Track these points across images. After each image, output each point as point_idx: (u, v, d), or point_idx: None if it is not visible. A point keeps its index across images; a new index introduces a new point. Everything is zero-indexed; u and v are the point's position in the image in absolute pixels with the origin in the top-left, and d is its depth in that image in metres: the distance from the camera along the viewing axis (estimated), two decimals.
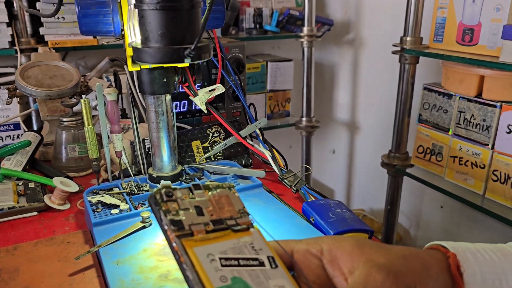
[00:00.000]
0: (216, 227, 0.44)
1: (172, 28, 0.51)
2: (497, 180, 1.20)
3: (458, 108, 1.27)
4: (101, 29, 0.66)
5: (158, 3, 0.49)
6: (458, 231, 1.60)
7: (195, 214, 0.44)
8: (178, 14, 0.50)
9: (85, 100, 0.78)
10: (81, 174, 0.97)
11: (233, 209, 0.47)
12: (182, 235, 0.42)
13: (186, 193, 0.46)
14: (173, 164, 0.81)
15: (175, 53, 0.51)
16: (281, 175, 0.82)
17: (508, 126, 1.15)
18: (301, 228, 0.68)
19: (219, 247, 0.42)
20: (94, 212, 0.72)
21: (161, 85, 0.74)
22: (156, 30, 0.50)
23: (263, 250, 0.43)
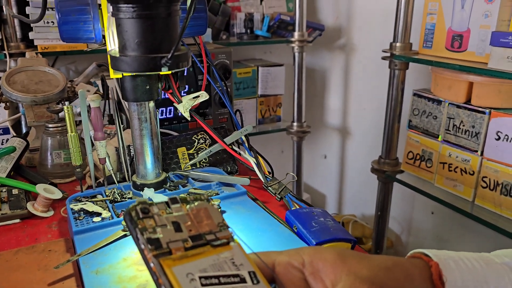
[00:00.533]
0: (195, 243, 0.43)
1: (148, 36, 0.50)
2: (486, 186, 1.20)
3: (447, 114, 1.27)
4: (82, 36, 0.65)
5: (134, 11, 0.49)
6: (449, 237, 1.59)
7: (173, 230, 0.43)
8: (154, 22, 0.50)
9: (68, 107, 0.77)
10: (66, 181, 0.96)
11: (212, 222, 0.46)
12: (160, 254, 0.41)
13: (163, 208, 0.45)
14: (157, 171, 0.80)
15: (151, 61, 0.50)
16: (266, 182, 0.82)
17: (497, 132, 1.16)
18: (283, 237, 0.68)
19: (199, 265, 0.41)
20: (76, 220, 0.72)
21: (144, 92, 0.74)
22: (132, 38, 0.50)
23: (244, 265, 0.42)
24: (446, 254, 0.48)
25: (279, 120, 1.98)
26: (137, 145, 0.78)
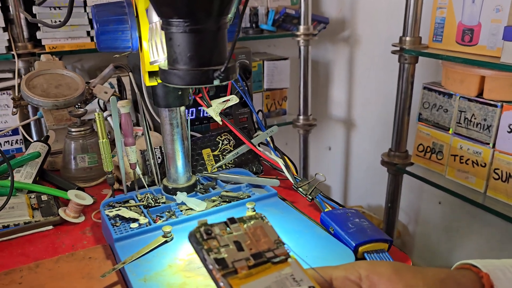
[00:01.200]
0: (256, 261, 0.44)
1: (200, 50, 0.51)
2: (498, 178, 1.22)
3: (458, 107, 1.29)
4: (119, 45, 0.66)
5: (187, 26, 0.49)
6: (457, 226, 1.63)
7: (236, 250, 0.44)
8: (206, 36, 0.50)
9: (99, 114, 0.77)
10: (91, 184, 0.96)
11: (269, 240, 0.47)
12: (227, 273, 0.42)
13: (223, 228, 0.46)
14: (188, 175, 0.81)
15: (204, 75, 0.51)
16: (296, 183, 0.83)
17: (509, 125, 1.18)
18: (321, 239, 0.69)
19: (263, 282, 0.43)
20: (114, 226, 0.72)
21: (176, 98, 0.74)
22: (185, 52, 0.50)
23: (303, 281, 0.44)
24: (492, 263, 0.50)
25: (285, 114, 1.99)
26: (169, 150, 0.79)
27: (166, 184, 0.81)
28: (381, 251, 0.67)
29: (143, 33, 0.65)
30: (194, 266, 0.63)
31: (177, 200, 0.78)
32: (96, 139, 0.98)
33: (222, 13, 0.51)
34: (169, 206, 0.78)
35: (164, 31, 0.52)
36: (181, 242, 0.69)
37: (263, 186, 0.85)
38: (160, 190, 0.83)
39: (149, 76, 0.69)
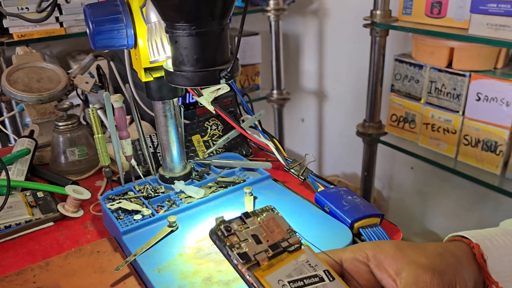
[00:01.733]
0: (274, 252, 0.48)
1: (206, 51, 0.52)
2: (468, 144, 1.30)
3: (429, 78, 1.35)
4: (115, 44, 0.66)
5: (193, 29, 0.51)
6: (429, 190, 1.72)
7: (255, 243, 0.48)
8: (211, 38, 0.52)
9: (93, 109, 0.78)
10: (83, 177, 0.97)
11: (282, 230, 0.51)
12: (251, 266, 0.46)
13: (240, 223, 0.50)
14: (183, 164, 0.84)
15: (211, 75, 0.53)
16: (287, 165, 0.87)
17: (477, 93, 1.25)
18: (318, 218, 0.74)
19: (284, 271, 0.47)
20: (118, 219, 0.75)
21: (169, 90, 0.76)
22: (191, 54, 0.52)
23: (318, 266, 0.48)
24: (480, 234, 0.56)
25: (258, 89, 2.01)
26: (164, 141, 0.81)
27: (163, 174, 0.83)
28: (374, 225, 0.72)
29: (138, 31, 0.66)
30: (203, 253, 0.67)
31: (175, 189, 0.81)
32: (84, 131, 0.98)
33: (225, 15, 0.53)
34: (168, 195, 0.80)
35: (169, 35, 0.53)
36: (186, 230, 0.72)
37: (255, 169, 0.88)
38: (156, 179, 0.85)
39: (144, 72, 0.70)
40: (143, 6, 0.65)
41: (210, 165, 0.89)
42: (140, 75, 0.71)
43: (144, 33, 0.67)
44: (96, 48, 0.66)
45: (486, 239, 0.55)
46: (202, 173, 0.86)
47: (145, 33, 0.67)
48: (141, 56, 0.68)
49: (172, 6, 0.49)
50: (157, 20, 0.60)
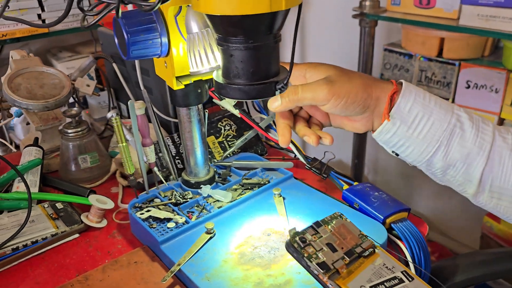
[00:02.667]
0: (351, 258, 0.50)
1: (262, 64, 0.53)
2: None
3: (419, 67, 1.39)
4: (148, 53, 0.65)
5: (251, 43, 0.51)
6: (413, 173, 1.78)
7: (330, 251, 0.50)
8: (266, 51, 0.52)
9: (116, 118, 0.77)
10: (96, 184, 0.95)
11: (354, 235, 0.53)
12: (331, 275, 0.47)
13: (313, 233, 0.51)
14: (207, 168, 0.84)
15: (267, 88, 0.53)
16: (308, 163, 0.88)
17: (467, 81, 1.30)
18: (349, 216, 0.74)
19: (364, 277, 0.49)
20: (151, 228, 0.74)
21: (196, 96, 0.75)
22: (247, 68, 0.52)
23: (395, 267, 0.50)
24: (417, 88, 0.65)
25: None
26: (188, 146, 0.80)
27: (187, 179, 0.83)
28: (403, 219, 0.75)
29: (172, 40, 0.65)
30: (247, 258, 0.68)
31: (203, 193, 0.81)
32: (94, 137, 0.96)
33: (280, 28, 0.53)
34: (196, 201, 0.80)
35: (224, 48, 0.53)
36: (223, 236, 0.73)
37: (276, 169, 0.89)
38: (179, 184, 0.85)
39: (176, 80, 0.69)
40: (177, 14, 0.64)
41: (231, 167, 0.89)
42: (170, 83, 0.71)
43: (178, 41, 0.66)
44: (128, 59, 0.65)
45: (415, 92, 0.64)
46: (225, 175, 0.87)
47: (179, 42, 0.66)
48: (174, 65, 0.67)
49: (232, 22, 0.49)
50: (199, 30, 0.60)
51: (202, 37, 0.59)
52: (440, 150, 0.64)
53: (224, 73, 0.55)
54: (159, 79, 0.94)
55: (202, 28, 0.60)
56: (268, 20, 0.50)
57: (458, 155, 0.64)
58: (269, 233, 0.73)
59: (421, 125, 0.64)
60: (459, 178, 0.66)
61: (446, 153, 0.65)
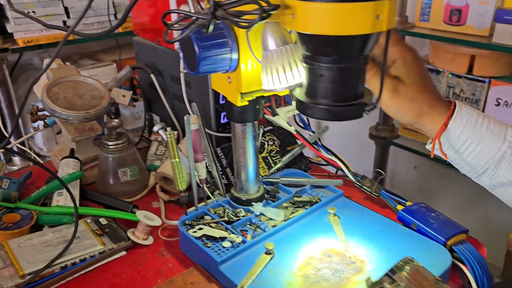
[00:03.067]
0: None
1: (352, 85, 0.51)
2: None
3: (447, 83, 1.39)
4: (217, 69, 0.63)
5: (345, 63, 0.49)
6: (432, 187, 1.78)
7: None
8: (357, 72, 0.51)
9: (170, 133, 0.74)
10: (136, 198, 0.93)
11: (430, 282, 0.51)
12: None
13: (389, 281, 0.49)
14: (258, 185, 0.82)
15: (356, 110, 0.51)
16: (358, 181, 0.87)
17: (497, 99, 1.30)
18: (409, 238, 0.74)
19: None
20: (207, 247, 0.72)
21: (253, 112, 0.74)
22: (337, 88, 0.50)
23: None
24: (469, 111, 0.65)
25: None
26: (241, 162, 0.78)
27: (238, 196, 0.81)
28: (463, 241, 0.74)
29: (241, 56, 0.63)
30: (311, 281, 0.66)
31: (255, 211, 0.79)
32: (134, 150, 0.93)
33: (372, 49, 0.52)
34: (249, 219, 0.78)
35: (313, 67, 0.51)
36: (283, 256, 0.70)
37: (324, 186, 0.87)
38: (227, 201, 0.83)
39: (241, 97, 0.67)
40: (249, 30, 0.62)
41: (278, 183, 0.87)
42: (233, 99, 0.69)
43: (247, 57, 0.64)
44: (197, 74, 0.63)
45: (466, 116, 0.65)
46: (274, 192, 0.85)
47: (248, 58, 0.64)
48: (242, 81, 0.65)
49: (330, 42, 0.47)
50: (276, 47, 0.58)
51: (280, 54, 0.58)
52: (486, 173, 0.67)
53: (310, 92, 0.53)
54: (202, 91, 0.93)
55: (280, 45, 0.58)
56: (367, 40, 0.48)
57: (505, 180, 0.66)
58: (329, 254, 0.71)
59: (469, 150, 0.66)
60: (506, 198, 0.69)
61: (493, 176, 0.67)
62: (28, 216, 0.80)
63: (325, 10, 0.44)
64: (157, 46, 1.02)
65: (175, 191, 0.92)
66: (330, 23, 0.45)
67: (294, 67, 0.58)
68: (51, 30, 1.34)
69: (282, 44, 0.58)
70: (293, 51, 0.58)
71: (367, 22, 0.45)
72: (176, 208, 0.90)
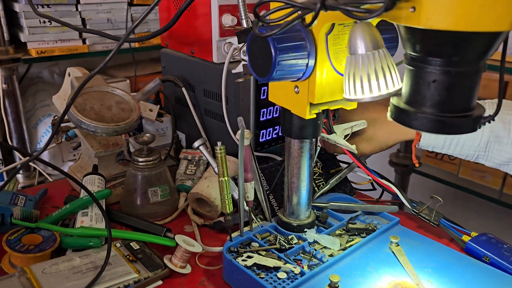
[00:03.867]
0: None
1: (470, 93, 0.45)
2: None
3: None
4: (291, 75, 0.56)
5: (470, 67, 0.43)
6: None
7: None
8: (475, 79, 0.45)
9: (221, 147, 0.67)
10: (166, 221, 0.84)
11: None
12: None
13: None
14: (309, 209, 0.74)
15: (469, 122, 0.45)
16: (415, 208, 0.80)
17: None
18: (483, 272, 0.67)
19: None
20: (261, 279, 0.63)
21: (314, 128, 0.67)
22: (457, 97, 0.44)
23: None
24: None
25: None
26: (293, 183, 0.71)
27: (288, 221, 0.73)
28: None
29: (318, 62, 0.57)
30: None
31: (308, 239, 0.71)
32: (165, 168, 0.85)
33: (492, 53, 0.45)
34: (302, 247, 0.70)
35: (425, 71, 0.45)
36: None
37: (378, 213, 0.80)
38: (274, 226, 0.75)
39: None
40: (329, 33, 0.56)
41: (327, 209, 0.79)
42: (300, 111, 0.61)
43: (323, 64, 0.57)
44: (268, 80, 0.56)
45: None
46: (324, 218, 0.77)
47: (324, 64, 0.58)
48: (316, 90, 0.58)
49: (455, 40, 0.41)
50: (366, 52, 0.52)
51: (373, 59, 0.51)
52: (480, 158, 0.78)
53: (415, 100, 0.47)
54: (241, 107, 0.86)
55: (370, 50, 0.51)
56: (497, 40, 0.42)
57: (499, 160, 0.76)
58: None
59: (452, 145, 0.78)
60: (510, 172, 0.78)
61: (487, 159, 0.78)
62: (51, 238, 0.71)
63: (460, 1, 0.38)
64: (190, 58, 0.95)
65: (208, 214, 0.83)
66: (466, 16, 0.38)
67: (388, 74, 0.51)
68: (65, 41, 1.27)
69: (373, 49, 0.52)
70: (385, 56, 0.52)
71: (509, 18, 0.39)
72: (211, 233, 0.82)
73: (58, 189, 0.95)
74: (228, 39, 0.82)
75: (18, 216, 0.73)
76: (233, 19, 0.84)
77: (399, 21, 0.43)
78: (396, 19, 0.44)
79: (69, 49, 1.28)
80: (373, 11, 0.39)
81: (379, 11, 0.39)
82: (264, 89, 0.84)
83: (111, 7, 1.32)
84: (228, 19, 0.84)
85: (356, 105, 0.64)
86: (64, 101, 0.95)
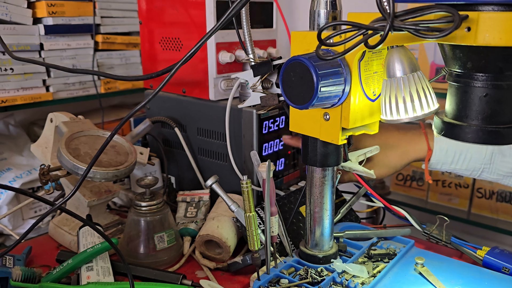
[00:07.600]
0: None
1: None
2: (481, 196, 1.38)
3: None
4: (329, 101, 0.56)
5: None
6: None
7: None
8: None
9: (248, 181, 0.65)
10: (174, 268, 0.78)
11: None
12: None
13: None
14: (332, 240, 0.73)
15: None
16: (424, 229, 0.81)
17: None
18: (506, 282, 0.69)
19: None
20: None
21: (337, 155, 0.67)
22: (508, 108, 0.46)
23: None
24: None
25: None
26: (316, 213, 0.70)
27: (312, 253, 0.71)
28: None
29: (355, 88, 0.58)
30: None
31: (336, 269, 0.69)
32: (169, 211, 0.81)
33: None
34: (333, 278, 0.68)
35: (474, 87, 0.47)
36: None
37: (390, 238, 0.81)
38: (297, 260, 0.73)
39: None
40: (361, 59, 0.57)
41: (343, 238, 0.79)
42: (331, 137, 0.61)
43: (356, 90, 0.58)
44: (306, 107, 0.55)
45: None
46: (344, 248, 0.76)
47: (356, 90, 0.58)
48: (350, 115, 0.59)
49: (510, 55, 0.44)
50: (404, 74, 0.53)
51: (411, 82, 0.53)
52: (485, 171, 0.83)
53: (465, 115, 0.49)
54: (239, 142, 0.84)
55: (408, 73, 0.53)
56: None
57: (503, 171, 0.81)
58: None
59: (461, 160, 0.82)
60: None
61: (491, 172, 0.82)
62: None
63: None
64: (181, 98, 0.93)
65: (219, 256, 0.79)
66: None
67: (423, 96, 0.53)
68: (27, 89, 1.20)
69: (410, 71, 0.54)
70: (421, 78, 0.54)
71: None
72: (225, 276, 0.77)
73: (40, 247, 0.87)
74: (233, 75, 0.81)
75: (19, 278, 0.65)
76: (231, 56, 0.84)
77: (453, 41, 0.46)
78: (451, 39, 0.46)
79: (31, 98, 1.20)
80: (443, 30, 0.41)
81: (450, 29, 0.40)
82: (265, 123, 0.84)
83: (76, 53, 1.27)
84: (226, 56, 0.84)
85: (378, 129, 0.66)
86: (45, 149, 0.88)
